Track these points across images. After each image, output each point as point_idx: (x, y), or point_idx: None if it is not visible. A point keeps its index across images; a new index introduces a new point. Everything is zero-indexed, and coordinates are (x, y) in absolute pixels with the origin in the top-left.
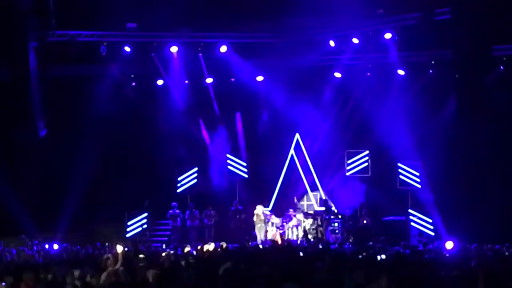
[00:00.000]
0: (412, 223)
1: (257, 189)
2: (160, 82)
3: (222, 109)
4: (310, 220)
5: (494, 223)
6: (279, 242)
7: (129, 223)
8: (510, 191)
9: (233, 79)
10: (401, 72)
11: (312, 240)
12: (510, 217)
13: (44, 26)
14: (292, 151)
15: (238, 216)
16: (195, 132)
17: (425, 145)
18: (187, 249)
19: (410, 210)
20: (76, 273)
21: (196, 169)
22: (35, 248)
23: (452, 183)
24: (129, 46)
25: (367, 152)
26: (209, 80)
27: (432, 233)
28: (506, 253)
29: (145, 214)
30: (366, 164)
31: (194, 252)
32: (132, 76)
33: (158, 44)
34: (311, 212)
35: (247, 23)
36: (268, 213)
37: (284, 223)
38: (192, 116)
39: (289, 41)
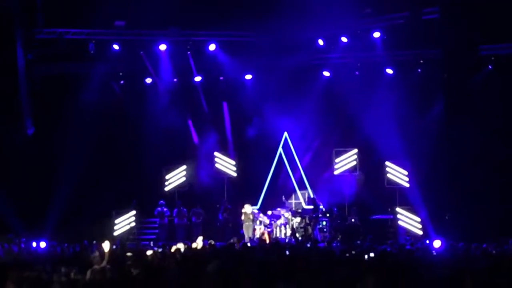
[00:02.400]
0: (399, 222)
1: (245, 187)
2: (148, 80)
3: (211, 107)
4: (298, 219)
5: (482, 221)
6: (267, 240)
7: (116, 221)
8: (497, 190)
9: (221, 78)
10: (389, 71)
11: (300, 238)
12: (497, 216)
13: (32, 23)
14: (280, 150)
15: (226, 215)
16: (183, 130)
17: (413, 144)
18: (175, 247)
19: (398, 209)
20: (64, 271)
21: (184, 167)
22: (23, 246)
23: (440, 182)
24: (117, 44)
25: (355, 150)
26: (197, 79)
27: (420, 232)
28: (493, 252)
29: (133, 212)
30: (354, 162)
31: (182, 250)
32: (121, 74)
33: (146, 42)
34: (299, 210)
35: (236, 21)
36: (256, 211)
37: (272, 222)
38: (180, 114)
39: (278, 39)
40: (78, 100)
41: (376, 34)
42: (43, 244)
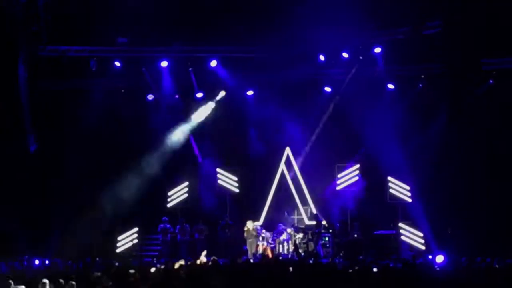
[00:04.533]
0: (402, 237)
1: (248, 203)
2: (150, 96)
3: (213, 123)
4: (301, 234)
5: (485, 236)
6: (270, 256)
7: (119, 238)
8: (501, 204)
9: (223, 94)
10: (391, 86)
11: (302, 254)
12: (501, 230)
13: (35, 41)
14: (282, 165)
15: (227, 231)
16: (186, 147)
17: (415, 159)
18: (177, 264)
19: (400, 224)
20: None
21: (186, 183)
22: (26, 263)
23: (442, 196)
24: (119, 61)
25: (357, 166)
26: (199, 95)
27: (423, 247)
28: (497, 266)
29: (136, 229)
30: (356, 178)
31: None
32: (123, 90)
33: (148, 59)
34: (302, 226)
35: (237, 37)
36: (259, 227)
37: (275, 238)
38: (182, 131)
39: (279, 55)
40: (80, 116)
41: (378, 49)
42: (46, 262)
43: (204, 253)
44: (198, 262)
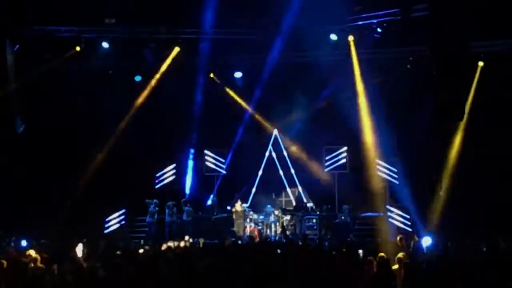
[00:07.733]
0: (390, 219)
1: (235, 185)
2: (138, 78)
3: (201, 105)
4: (288, 216)
5: (473, 219)
6: (257, 238)
7: (107, 219)
8: (488, 187)
9: (211, 75)
10: (379, 68)
11: (290, 236)
12: (488, 213)
13: (21, 21)
14: (270, 147)
15: (216, 213)
16: (174, 128)
17: (402, 141)
18: (165, 245)
19: (388, 206)
20: (55, 268)
21: (174, 165)
22: (13, 244)
23: (430, 179)
24: (107, 42)
25: (345, 148)
26: (188, 76)
27: (410, 229)
28: (484, 249)
29: (123, 210)
30: (344, 160)
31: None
32: (110, 72)
33: (136, 40)
34: (290, 208)
35: (225, 19)
36: (246, 209)
37: (263, 219)
38: (170, 112)
39: (268, 37)
40: (67, 97)
41: (365, 32)
42: (33, 242)
43: (187, 237)
44: (183, 244)
